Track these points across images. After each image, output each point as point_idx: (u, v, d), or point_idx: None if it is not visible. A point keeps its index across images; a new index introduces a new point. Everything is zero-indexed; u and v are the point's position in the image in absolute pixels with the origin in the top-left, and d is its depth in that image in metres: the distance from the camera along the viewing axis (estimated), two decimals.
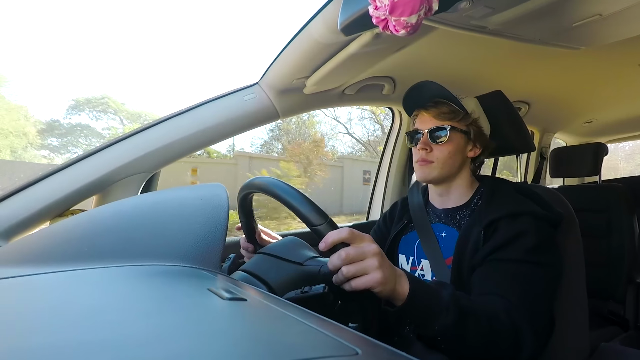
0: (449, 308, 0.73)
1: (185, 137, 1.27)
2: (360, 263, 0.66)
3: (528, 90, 1.85)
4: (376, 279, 0.66)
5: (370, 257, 0.67)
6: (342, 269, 0.66)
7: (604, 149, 2.13)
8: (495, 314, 0.79)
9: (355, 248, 0.67)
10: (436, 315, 0.72)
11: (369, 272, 0.66)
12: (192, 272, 0.54)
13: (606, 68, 1.56)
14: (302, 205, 0.70)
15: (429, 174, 1.05)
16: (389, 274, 0.68)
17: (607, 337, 1.74)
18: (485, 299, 0.84)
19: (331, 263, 0.67)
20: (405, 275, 0.73)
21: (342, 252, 0.66)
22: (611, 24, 1.00)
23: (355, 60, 1.15)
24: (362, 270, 0.66)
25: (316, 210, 0.69)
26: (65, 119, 14.89)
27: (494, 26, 0.98)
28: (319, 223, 0.68)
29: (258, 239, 1.05)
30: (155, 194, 0.86)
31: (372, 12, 0.74)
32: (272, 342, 0.33)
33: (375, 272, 0.66)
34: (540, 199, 1.03)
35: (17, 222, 1.06)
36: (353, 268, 0.66)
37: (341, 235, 0.67)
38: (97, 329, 0.31)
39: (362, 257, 0.67)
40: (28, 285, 0.45)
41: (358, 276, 0.67)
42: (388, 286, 0.68)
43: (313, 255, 0.82)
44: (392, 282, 0.69)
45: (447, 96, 1.04)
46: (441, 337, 0.74)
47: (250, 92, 1.36)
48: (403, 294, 0.70)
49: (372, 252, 0.67)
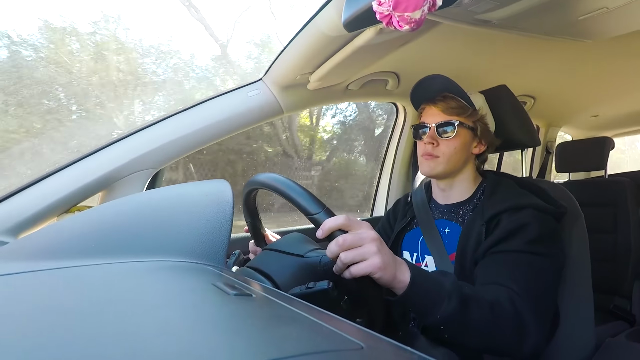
0: (451, 295, 0.72)
1: (190, 134, 1.28)
2: (359, 249, 0.66)
3: (533, 84, 1.84)
4: (375, 264, 0.65)
5: (368, 243, 0.66)
6: (340, 255, 0.66)
7: (611, 143, 2.12)
8: (498, 302, 0.78)
9: (353, 234, 0.67)
10: (438, 303, 0.72)
11: (367, 258, 0.66)
12: (197, 268, 0.55)
13: (613, 61, 1.55)
14: (299, 195, 0.70)
15: (434, 168, 1.05)
16: (388, 260, 0.68)
17: (612, 332, 1.73)
18: (488, 287, 0.84)
19: (329, 250, 0.67)
20: (405, 264, 0.72)
21: (340, 238, 0.66)
22: (618, 17, 0.99)
23: (359, 56, 1.14)
24: (360, 256, 0.66)
25: (313, 199, 0.69)
26: None
27: (499, 20, 0.97)
28: (315, 212, 0.68)
29: (267, 242, 1.05)
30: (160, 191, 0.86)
31: (376, 7, 0.74)
32: (277, 336, 0.33)
33: (373, 257, 0.66)
34: (543, 193, 1.03)
35: (25, 219, 1.07)
36: (351, 254, 0.65)
37: (338, 222, 0.67)
38: (105, 323, 0.32)
39: (360, 243, 0.66)
40: (37, 280, 0.46)
41: (357, 262, 0.66)
42: (388, 272, 0.67)
43: (313, 247, 0.82)
44: (392, 268, 0.68)
45: (457, 91, 1.03)
46: (444, 325, 0.73)
47: (255, 88, 1.36)
48: (404, 282, 0.70)
49: (370, 237, 0.67)
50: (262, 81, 1.37)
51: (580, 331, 1.05)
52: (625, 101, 2.21)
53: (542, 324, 0.82)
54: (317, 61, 1.21)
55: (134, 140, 1.24)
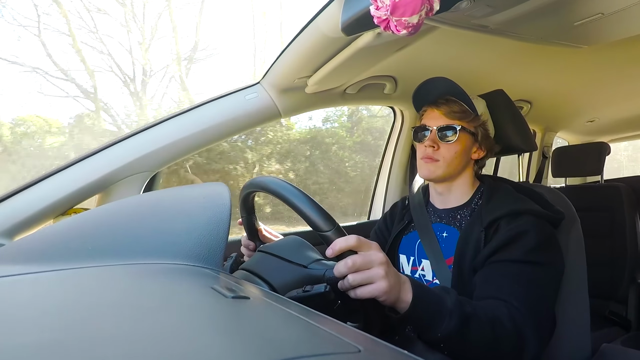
0: (452, 314, 0.73)
1: (188, 137, 1.28)
2: (367, 272, 0.67)
3: (530, 89, 1.85)
4: (381, 289, 0.66)
5: (377, 266, 0.67)
6: (348, 276, 0.67)
7: (607, 148, 2.13)
8: (499, 319, 0.79)
9: (362, 256, 0.67)
10: (439, 321, 0.73)
11: (374, 282, 0.67)
12: (195, 271, 0.55)
13: (608, 67, 1.56)
14: (311, 211, 0.70)
15: (433, 172, 1.05)
16: (394, 283, 0.69)
17: (608, 338, 1.74)
18: (488, 303, 0.84)
19: (337, 270, 0.68)
20: (409, 282, 0.73)
21: (349, 260, 0.66)
22: (613, 23, 1.00)
23: (357, 60, 1.15)
24: (368, 279, 0.67)
25: (325, 216, 0.69)
26: None
27: (495, 25, 0.98)
28: (327, 229, 0.69)
29: (260, 237, 1.04)
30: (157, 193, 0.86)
31: (374, 12, 0.74)
32: (275, 339, 0.33)
33: (380, 281, 0.67)
34: (540, 198, 1.03)
35: (21, 221, 1.07)
36: (359, 277, 0.66)
37: (349, 243, 0.67)
38: (102, 327, 0.32)
39: (369, 266, 0.67)
40: (32, 283, 0.45)
41: (363, 284, 0.67)
42: (392, 295, 0.69)
43: (317, 257, 0.82)
44: (397, 290, 0.70)
45: (461, 95, 1.03)
46: (444, 343, 0.74)
47: (252, 92, 1.36)
48: (406, 302, 0.71)
49: (379, 261, 0.68)
50: (260, 84, 1.37)
51: (577, 337, 1.05)
52: (621, 106, 2.23)
53: (541, 336, 0.84)
54: (314, 65, 1.21)
55: (131, 143, 1.23)
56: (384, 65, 1.33)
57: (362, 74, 1.37)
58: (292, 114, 1.48)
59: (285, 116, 1.43)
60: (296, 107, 1.45)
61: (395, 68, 1.41)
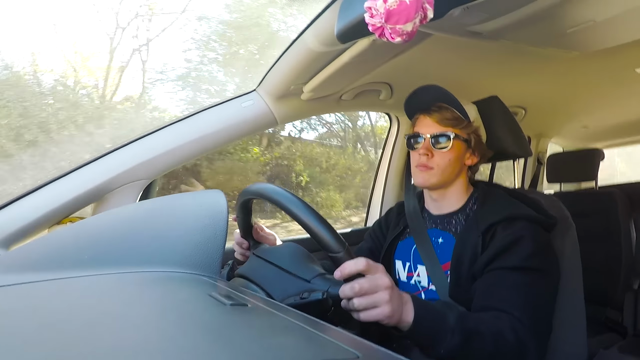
0: (455, 331, 0.74)
1: (184, 145, 1.28)
2: (372, 296, 0.68)
3: (524, 95, 1.86)
4: (385, 313, 0.68)
5: (382, 291, 0.68)
6: (353, 300, 0.68)
7: (601, 154, 2.14)
8: (501, 333, 0.79)
9: (369, 281, 0.68)
10: (442, 338, 0.74)
11: (379, 306, 0.68)
12: (192, 278, 0.55)
13: (601, 73, 1.57)
14: (323, 231, 0.70)
15: (427, 179, 1.05)
16: (397, 306, 0.70)
17: (605, 344, 1.73)
18: (490, 315, 0.85)
19: (343, 293, 0.68)
20: (411, 302, 0.74)
21: (356, 285, 0.67)
22: (605, 30, 1.01)
23: (352, 67, 1.15)
24: (373, 303, 0.68)
25: (336, 238, 0.70)
26: None
27: (489, 32, 0.99)
28: (337, 251, 0.69)
29: (254, 235, 1.02)
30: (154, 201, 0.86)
31: (368, 19, 0.74)
32: (274, 346, 0.33)
33: (384, 306, 0.68)
34: (533, 203, 1.03)
35: (16, 230, 1.06)
36: (364, 301, 0.67)
37: (358, 267, 0.68)
38: (100, 335, 0.31)
39: (375, 290, 0.68)
40: (29, 293, 0.45)
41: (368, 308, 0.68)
42: (394, 318, 0.70)
43: (319, 271, 0.81)
44: (399, 313, 0.71)
45: (452, 102, 1.03)
46: (446, 359, 0.75)
47: (249, 99, 1.36)
48: (408, 322, 0.72)
49: (384, 285, 0.69)
50: (256, 92, 1.38)
51: (573, 343, 1.04)
52: (614, 113, 2.24)
53: (542, 344, 0.85)
54: (310, 72, 1.21)
55: (127, 151, 1.23)
56: (380, 72, 1.33)
57: (357, 80, 1.37)
58: (288, 120, 1.48)
59: (281, 123, 1.44)
60: (292, 114, 1.46)
61: (390, 75, 1.41)
